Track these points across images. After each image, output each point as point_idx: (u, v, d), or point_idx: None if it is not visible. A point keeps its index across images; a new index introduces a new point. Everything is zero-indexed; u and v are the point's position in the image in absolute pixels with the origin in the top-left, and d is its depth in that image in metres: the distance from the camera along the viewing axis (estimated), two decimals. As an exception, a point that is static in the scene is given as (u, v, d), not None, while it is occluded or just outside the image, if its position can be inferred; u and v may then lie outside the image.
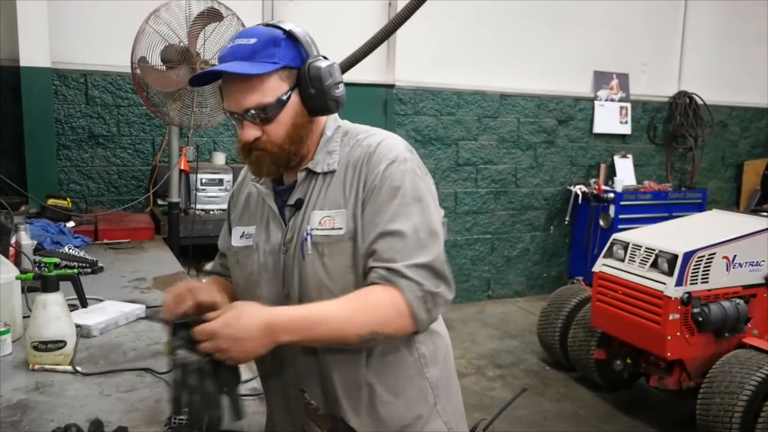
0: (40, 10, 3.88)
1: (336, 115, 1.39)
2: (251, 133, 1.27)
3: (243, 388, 1.64)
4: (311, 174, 1.33)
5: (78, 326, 1.86)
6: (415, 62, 5.39)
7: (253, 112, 1.25)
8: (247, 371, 1.73)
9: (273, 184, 1.39)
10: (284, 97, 1.26)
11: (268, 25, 1.30)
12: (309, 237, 1.29)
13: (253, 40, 1.25)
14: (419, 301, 1.21)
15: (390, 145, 1.31)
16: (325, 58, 1.31)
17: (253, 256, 1.38)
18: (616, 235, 3.90)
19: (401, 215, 1.25)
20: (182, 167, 3.89)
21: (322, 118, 1.36)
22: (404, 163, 1.29)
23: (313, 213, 1.30)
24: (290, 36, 1.27)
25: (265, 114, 1.25)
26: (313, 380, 1.34)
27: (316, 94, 1.27)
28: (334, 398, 1.33)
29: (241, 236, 1.42)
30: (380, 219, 1.25)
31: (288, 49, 1.26)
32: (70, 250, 2.81)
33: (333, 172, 1.32)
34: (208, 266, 1.58)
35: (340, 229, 1.27)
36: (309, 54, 1.28)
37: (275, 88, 1.25)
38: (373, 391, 1.32)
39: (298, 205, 1.33)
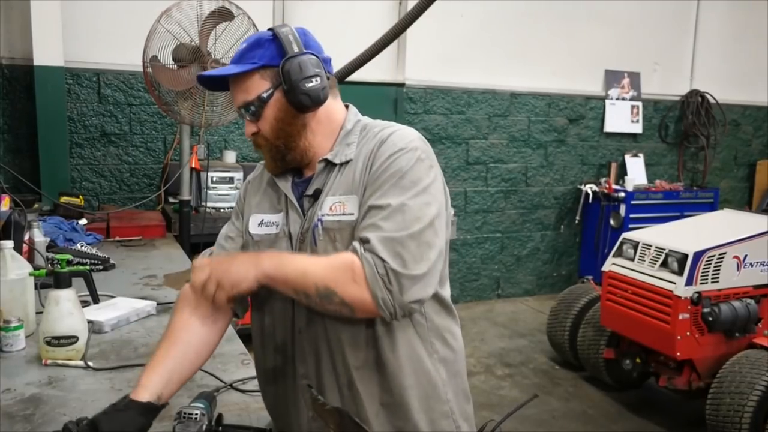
0: (53, 10, 3.91)
1: (356, 110, 1.43)
2: (249, 128, 1.37)
3: (247, 384, 1.66)
4: (329, 165, 1.36)
5: (90, 322, 1.88)
6: (425, 61, 5.39)
7: (243, 109, 1.35)
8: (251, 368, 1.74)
9: (293, 177, 1.41)
10: (265, 95, 1.32)
11: (270, 29, 1.35)
12: (320, 222, 1.31)
13: (244, 45, 1.34)
14: (377, 277, 1.19)
15: (402, 135, 1.33)
16: (315, 54, 1.31)
17: (281, 243, 1.38)
18: (625, 234, 3.89)
19: (392, 193, 1.25)
20: (193, 165, 3.92)
21: (339, 114, 1.40)
22: (413, 152, 1.29)
23: (326, 199, 1.33)
24: (275, 36, 1.32)
25: (249, 111, 1.34)
26: (327, 366, 1.33)
27: (288, 90, 1.30)
28: (349, 381, 1.32)
29: (260, 224, 1.43)
30: (373, 196, 1.27)
31: (269, 49, 1.31)
32: (83, 247, 2.84)
33: (349, 162, 1.35)
34: (206, 253, 1.55)
35: (352, 214, 1.29)
36: (287, 51, 1.30)
37: (257, 86, 1.32)
38: (387, 378, 1.32)
39: (316, 195, 1.35)
